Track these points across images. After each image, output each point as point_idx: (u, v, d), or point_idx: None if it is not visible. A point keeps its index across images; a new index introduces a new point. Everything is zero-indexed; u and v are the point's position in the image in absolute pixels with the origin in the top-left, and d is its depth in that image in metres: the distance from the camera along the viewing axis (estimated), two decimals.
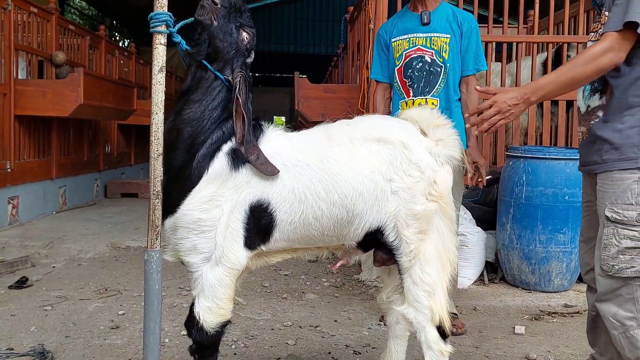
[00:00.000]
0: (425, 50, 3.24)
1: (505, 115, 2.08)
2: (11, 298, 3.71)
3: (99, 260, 4.73)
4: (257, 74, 25.36)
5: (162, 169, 1.86)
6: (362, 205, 2.04)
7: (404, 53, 3.27)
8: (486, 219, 4.52)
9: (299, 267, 4.61)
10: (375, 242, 2.15)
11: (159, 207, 1.85)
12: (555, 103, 5.32)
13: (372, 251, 2.23)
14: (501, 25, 5.46)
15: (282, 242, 2.04)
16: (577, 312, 3.78)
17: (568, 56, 5.22)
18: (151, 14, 1.85)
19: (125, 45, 15.19)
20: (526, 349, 3.10)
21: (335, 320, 3.48)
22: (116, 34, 16.35)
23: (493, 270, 4.41)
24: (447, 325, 2.18)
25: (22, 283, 3.98)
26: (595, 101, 2.24)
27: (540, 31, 6.39)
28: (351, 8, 6.75)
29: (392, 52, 3.32)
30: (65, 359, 2.75)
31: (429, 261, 2.12)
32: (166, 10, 1.85)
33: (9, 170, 5.52)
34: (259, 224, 1.96)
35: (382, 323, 3.44)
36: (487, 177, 3.50)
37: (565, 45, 5.26)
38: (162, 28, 1.85)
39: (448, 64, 3.22)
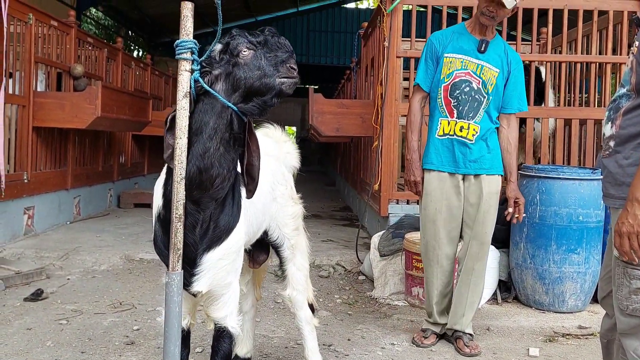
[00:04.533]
0: (474, 77, 3.26)
1: None
2: (27, 311, 3.74)
3: (113, 272, 4.77)
4: None
5: (184, 192, 1.88)
6: (263, 213, 2.37)
7: (455, 72, 3.28)
8: (499, 238, 4.51)
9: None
10: (259, 243, 2.49)
11: (180, 229, 1.88)
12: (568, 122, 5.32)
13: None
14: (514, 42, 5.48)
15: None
16: (591, 334, 3.75)
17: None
18: (177, 41, 1.87)
19: (141, 56, 15.35)
20: None
21: (348, 339, 3.48)
22: (131, 43, 16.52)
23: (506, 290, 4.40)
24: (314, 302, 2.81)
25: (37, 296, 4.02)
26: (608, 130, 2.21)
27: (555, 48, 6.40)
28: (365, 24, 6.79)
29: (442, 66, 3.31)
30: None
31: (303, 252, 2.65)
32: (192, 38, 1.88)
33: (25, 181, 5.58)
34: None
35: (395, 344, 3.45)
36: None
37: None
38: (187, 55, 1.88)
39: (491, 97, 3.26)
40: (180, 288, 1.89)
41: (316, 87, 24.86)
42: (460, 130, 3.28)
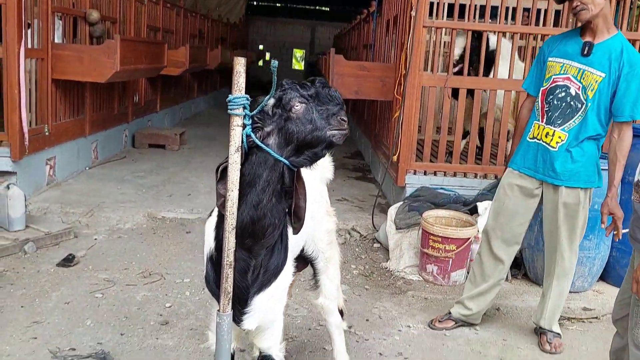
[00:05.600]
0: (574, 82, 3.17)
1: None
2: (61, 280, 3.94)
3: (137, 232, 4.95)
4: (277, 4, 24.83)
5: (235, 241, 1.98)
6: (302, 236, 2.42)
7: (553, 77, 3.24)
8: None
9: None
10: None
11: (231, 275, 2.00)
12: None
13: None
14: None
15: None
16: (595, 318, 3.97)
17: None
18: (230, 96, 1.91)
19: None
20: None
21: (367, 320, 3.69)
22: None
23: (516, 267, 4.58)
24: (344, 308, 2.95)
25: (69, 261, 4.20)
26: (637, 175, 2.29)
27: None
28: None
29: (545, 70, 3.30)
30: None
31: (335, 263, 2.77)
32: (244, 93, 1.92)
33: (46, 133, 5.65)
34: None
35: (410, 326, 3.67)
36: None
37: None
38: (239, 111, 1.92)
39: (589, 104, 3.14)
40: (230, 327, 2.03)
41: (327, 9, 24.27)
42: (546, 136, 3.28)
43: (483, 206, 4.55)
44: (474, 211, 4.61)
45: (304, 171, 2.14)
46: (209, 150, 8.40)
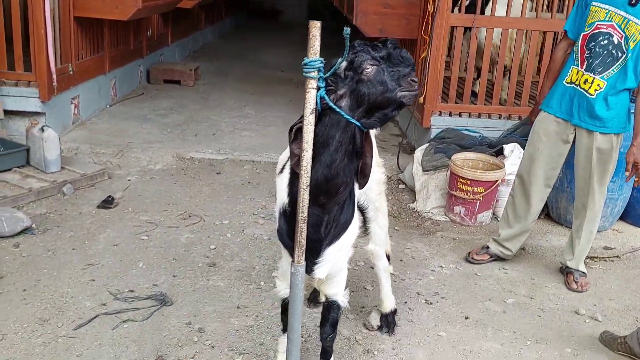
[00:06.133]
0: (617, 31, 3.21)
1: None
2: (105, 222, 4.08)
3: (169, 173, 5.05)
4: None
5: (308, 197, 2.09)
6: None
7: (597, 23, 3.27)
8: None
9: None
10: None
11: (304, 229, 2.12)
12: None
13: None
14: None
15: None
16: (617, 256, 4.16)
17: None
18: (306, 60, 1.97)
19: None
20: (575, 303, 3.50)
21: (401, 260, 3.86)
22: None
23: None
24: (390, 253, 3.10)
25: (109, 203, 4.33)
26: None
27: None
28: None
29: (588, 14, 3.31)
30: (181, 304, 3.16)
31: (384, 212, 2.91)
32: (318, 56, 1.98)
33: (71, 72, 5.65)
34: None
35: (443, 266, 3.85)
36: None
37: None
38: (314, 74, 1.98)
39: (630, 54, 3.20)
40: (303, 277, 2.18)
41: None
42: (584, 83, 3.35)
43: (509, 148, 4.65)
44: (499, 153, 4.72)
45: None
46: (224, 86, 8.39)
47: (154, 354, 2.73)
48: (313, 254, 2.22)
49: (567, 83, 3.42)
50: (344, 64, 2.03)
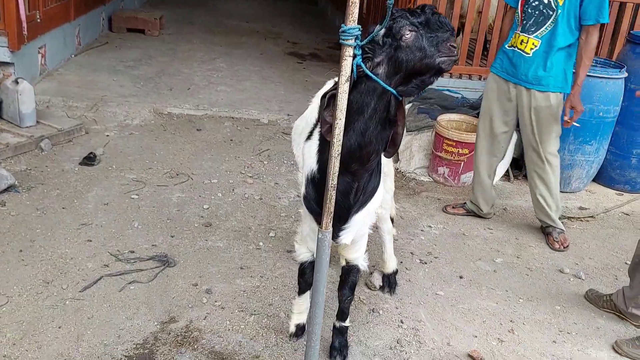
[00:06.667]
0: None
1: None
2: (90, 180, 3.97)
3: (148, 129, 4.93)
4: None
5: (338, 166, 2.10)
6: None
7: None
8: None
9: None
10: None
11: (333, 197, 2.13)
12: None
13: None
14: None
15: None
16: (592, 217, 4.36)
17: None
18: (344, 27, 1.94)
19: None
20: (558, 262, 3.67)
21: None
22: None
23: (517, 167, 4.87)
24: (394, 216, 3.29)
25: (91, 160, 4.21)
26: None
27: None
28: None
29: None
30: (184, 265, 3.15)
31: (392, 176, 3.05)
32: (356, 24, 1.95)
33: (38, 20, 5.36)
34: None
35: (431, 226, 3.95)
36: None
37: None
38: (351, 42, 1.96)
39: (560, 11, 3.36)
40: (329, 242, 2.20)
41: None
42: (521, 44, 3.55)
43: None
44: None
45: None
46: (190, 37, 8.13)
47: (165, 315, 2.73)
48: (340, 221, 2.24)
49: (508, 47, 3.63)
50: (383, 30, 2.01)
